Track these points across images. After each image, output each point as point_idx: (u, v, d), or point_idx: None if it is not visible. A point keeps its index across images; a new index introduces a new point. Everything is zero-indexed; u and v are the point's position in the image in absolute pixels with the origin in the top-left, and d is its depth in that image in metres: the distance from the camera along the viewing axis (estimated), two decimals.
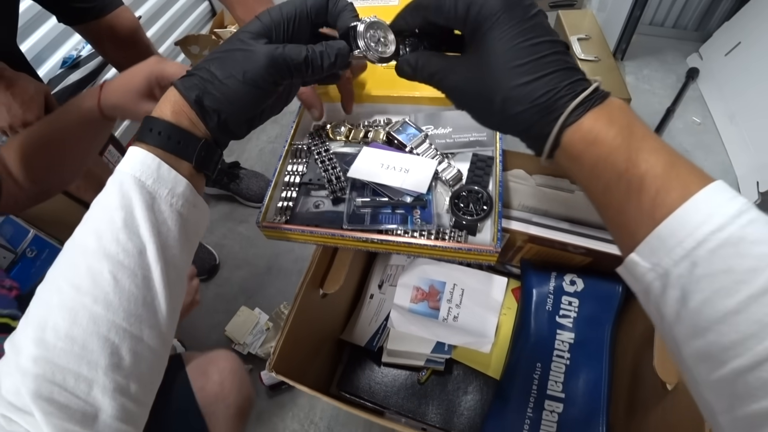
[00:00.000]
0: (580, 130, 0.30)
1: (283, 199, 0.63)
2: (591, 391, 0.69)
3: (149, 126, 0.36)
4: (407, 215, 0.56)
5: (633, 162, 0.28)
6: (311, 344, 0.71)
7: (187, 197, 0.36)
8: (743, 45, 1.62)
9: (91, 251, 0.32)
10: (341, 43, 0.39)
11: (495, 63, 0.32)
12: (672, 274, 0.26)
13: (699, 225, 0.26)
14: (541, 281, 0.73)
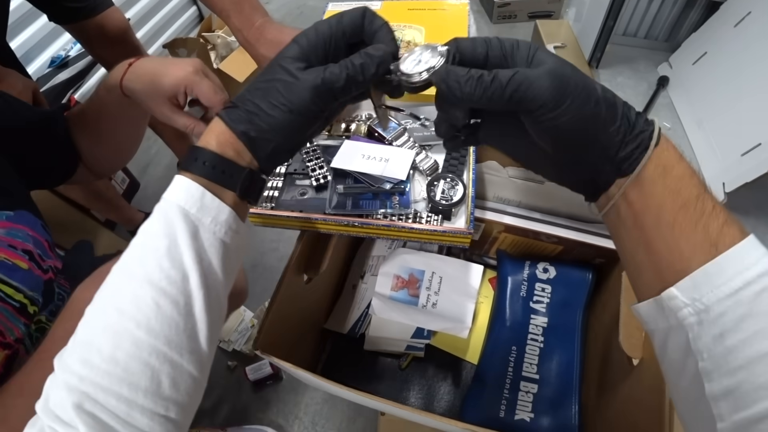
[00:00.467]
0: (670, 143, 0.32)
1: (269, 188, 0.66)
2: (564, 371, 0.71)
3: (195, 156, 0.36)
4: (386, 201, 0.59)
5: (706, 189, 0.30)
6: (295, 330, 0.72)
7: (230, 225, 0.37)
8: (709, 54, 1.68)
9: (135, 277, 0.33)
10: (380, 48, 0.37)
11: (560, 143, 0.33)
12: (713, 311, 0.28)
13: (749, 266, 0.27)
14: (515, 269, 0.76)
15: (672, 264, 0.30)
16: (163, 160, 1.74)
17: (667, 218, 0.30)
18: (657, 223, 0.31)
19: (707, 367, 0.28)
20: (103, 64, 1.21)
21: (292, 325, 0.71)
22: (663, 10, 1.88)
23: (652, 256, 0.32)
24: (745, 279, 0.27)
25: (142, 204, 1.61)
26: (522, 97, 0.31)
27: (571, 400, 0.69)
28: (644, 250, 0.32)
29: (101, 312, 0.33)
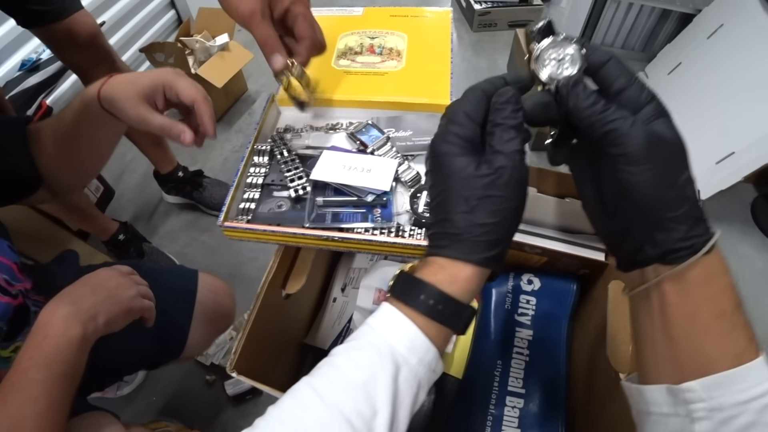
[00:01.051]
0: (720, 256, 0.32)
1: (245, 200, 0.62)
2: (550, 385, 0.69)
3: (419, 292, 0.35)
4: (368, 214, 0.56)
5: (741, 304, 0.32)
6: (274, 347, 0.69)
7: (432, 366, 0.36)
8: (683, 65, 1.70)
9: (327, 401, 0.32)
10: (504, 94, 0.37)
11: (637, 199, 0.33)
12: (726, 412, 0.30)
13: (762, 381, 0.30)
14: (499, 281, 0.74)
15: (695, 362, 0.32)
16: (139, 167, 1.68)
17: (701, 322, 0.32)
18: (689, 323, 0.32)
19: None
20: (73, 70, 1.15)
21: (271, 341, 0.67)
22: (639, 22, 1.89)
23: (674, 349, 0.33)
24: (759, 392, 0.29)
25: (117, 213, 1.54)
26: (614, 140, 0.32)
27: (558, 415, 0.67)
28: (666, 341, 0.33)
29: (287, 424, 0.32)
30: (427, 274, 0.36)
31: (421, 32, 0.77)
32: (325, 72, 0.73)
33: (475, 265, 0.35)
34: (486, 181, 0.34)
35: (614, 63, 0.35)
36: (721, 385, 0.30)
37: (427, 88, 0.67)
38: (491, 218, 0.34)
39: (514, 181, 0.34)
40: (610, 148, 0.33)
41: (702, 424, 0.31)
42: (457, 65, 2.01)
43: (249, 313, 0.58)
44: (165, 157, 1.45)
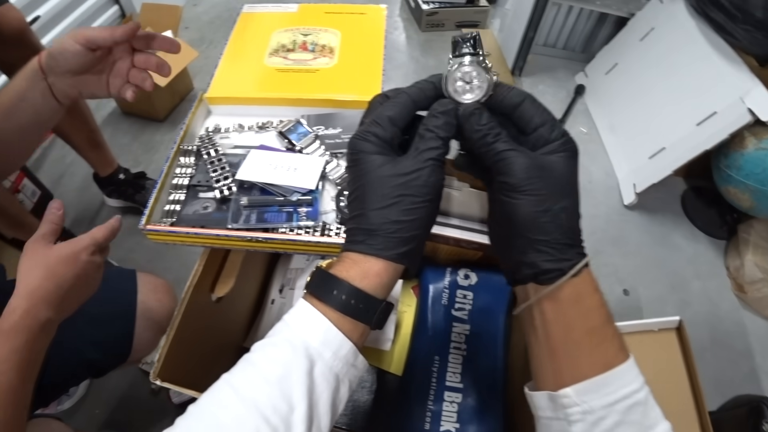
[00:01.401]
0: (589, 277, 0.35)
1: (170, 202, 0.59)
2: (488, 378, 0.69)
3: (332, 288, 0.35)
4: (293, 213, 0.54)
5: (609, 319, 0.35)
6: (208, 351, 0.66)
7: (348, 359, 0.36)
8: (619, 65, 1.76)
9: (243, 397, 0.32)
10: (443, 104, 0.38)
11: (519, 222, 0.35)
12: (596, 414, 0.33)
13: (627, 384, 0.33)
14: (436, 277, 0.73)
15: (571, 371, 0.34)
16: (79, 170, 1.59)
17: (575, 337, 0.35)
18: (565, 337, 0.35)
19: None
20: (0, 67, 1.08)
21: (204, 346, 0.64)
22: (578, 24, 1.94)
23: (554, 361, 0.36)
24: (623, 394, 0.32)
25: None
26: (501, 168, 0.35)
27: (496, 408, 0.67)
28: (548, 353, 0.36)
29: (203, 421, 0.32)
30: (340, 270, 0.36)
31: (355, 29, 0.75)
32: (255, 69, 0.71)
33: (388, 260, 0.36)
34: (403, 181, 0.35)
35: (529, 102, 0.37)
36: (590, 390, 0.33)
37: (359, 85, 0.66)
38: (405, 216, 0.35)
39: (430, 184, 0.36)
40: (496, 174, 0.36)
41: (577, 425, 0.33)
42: (405, 64, 2.01)
43: (173, 318, 0.55)
44: (104, 159, 1.38)
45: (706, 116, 1.36)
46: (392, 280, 0.37)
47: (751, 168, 1.30)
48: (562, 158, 0.36)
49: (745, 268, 1.39)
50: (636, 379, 0.33)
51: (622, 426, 0.32)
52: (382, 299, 0.36)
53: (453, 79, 0.37)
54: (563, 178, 0.35)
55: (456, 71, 0.37)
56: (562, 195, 0.35)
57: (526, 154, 0.35)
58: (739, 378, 1.27)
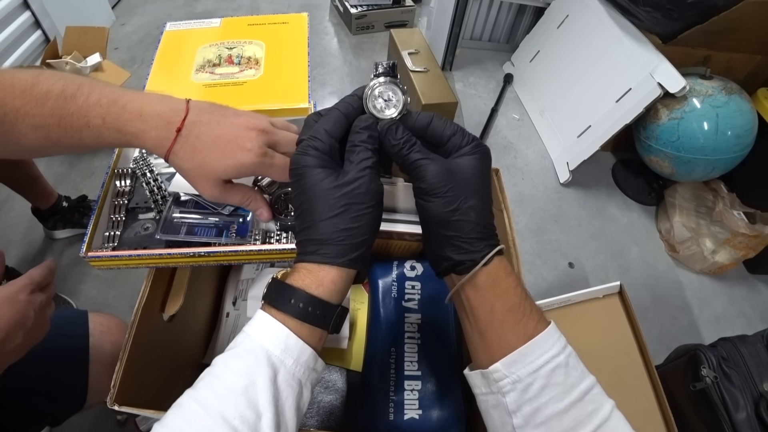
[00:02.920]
0: (502, 263, 0.38)
1: (110, 227, 0.57)
2: (443, 363, 0.70)
3: (289, 297, 0.36)
4: (224, 230, 0.54)
5: (526, 296, 0.38)
6: (165, 371, 0.64)
7: (309, 364, 0.37)
8: (541, 53, 1.83)
9: (210, 410, 0.32)
10: (363, 120, 0.41)
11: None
12: (524, 382, 0.35)
13: (547, 349, 0.36)
14: (384, 271, 0.74)
15: (500, 347, 0.37)
16: (15, 205, 1.50)
17: (498, 316, 0.37)
18: (489, 318, 0.38)
19: (520, 422, 0.36)
20: None
21: (160, 366, 0.62)
22: (500, 17, 2.01)
23: (484, 340, 0.38)
24: (544, 359, 0.35)
25: None
26: (415, 175, 0.39)
27: (455, 389, 0.68)
28: (478, 334, 0.39)
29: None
30: (296, 280, 0.37)
31: (279, 39, 0.75)
32: (183, 87, 0.69)
33: (341, 267, 0.37)
34: (346, 190, 0.37)
35: (436, 120, 0.41)
36: (516, 361, 0.36)
37: (286, 94, 0.66)
38: (353, 223, 0.37)
39: (372, 191, 0.38)
40: (413, 180, 0.39)
41: (510, 396, 0.36)
42: (339, 68, 2.01)
43: (125, 341, 0.54)
44: (44, 191, 1.31)
45: (622, 93, 1.44)
46: (346, 285, 0.38)
47: (667, 137, 1.39)
48: (473, 160, 0.39)
49: (674, 230, 1.48)
50: (556, 344, 0.36)
51: (548, 388, 0.35)
52: (337, 304, 0.38)
53: (373, 97, 0.41)
54: (472, 179, 0.39)
55: (376, 89, 0.41)
56: (470, 194, 0.38)
57: (437, 161, 0.39)
58: (680, 331, 1.35)
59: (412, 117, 0.42)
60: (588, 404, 0.35)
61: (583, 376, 0.36)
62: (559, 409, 0.35)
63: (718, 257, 1.41)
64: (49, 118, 0.41)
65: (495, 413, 0.38)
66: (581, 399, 0.35)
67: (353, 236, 0.37)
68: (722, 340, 0.96)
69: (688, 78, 1.34)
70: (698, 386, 0.91)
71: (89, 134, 0.43)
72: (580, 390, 0.35)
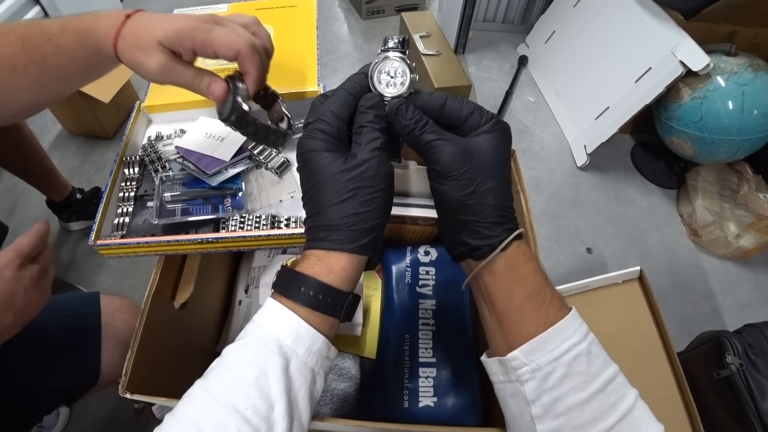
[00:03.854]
0: (521, 248, 0.37)
1: (119, 215, 0.57)
2: (460, 350, 0.69)
3: (299, 285, 0.35)
4: (219, 204, 0.54)
5: (546, 282, 0.37)
6: (178, 359, 0.64)
7: (322, 352, 0.36)
8: (557, 33, 1.78)
9: (221, 401, 0.32)
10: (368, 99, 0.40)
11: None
12: (544, 370, 0.34)
13: (569, 337, 0.34)
14: (398, 257, 0.73)
15: (519, 335, 0.36)
16: (31, 198, 1.52)
17: (516, 303, 0.36)
18: (507, 304, 0.36)
19: (539, 412, 0.35)
20: None
21: (172, 354, 0.63)
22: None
23: (502, 327, 0.37)
24: (566, 347, 0.34)
25: None
26: (429, 157, 0.37)
27: (472, 376, 0.68)
28: (496, 321, 0.37)
29: (182, 429, 0.32)
30: (305, 267, 0.36)
31: (288, 22, 0.74)
32: None
33: (351, 253, 0.36)
34: (355, 174, 0.36)
35: (451, 100, 0.39)
36: (536, 348, 0.35)
37: (295, 77, 0.65)
38: (363, 208, 0.36)
39: (381, 174, 0.37)
40: (427, 162, 0.38)
41: (529, 384, 0.35)
42: (350, 54, 1.99)
43: (136, 330, 0.54)
44: (57, 183, 1.33)
45: (642, 72, 1.40)
46: (357, 272, 0.38)
47: (689, 117, 1.34)
48: (493, 138, 0.37)
49: (696, 214, 1.44)
50: (577, 332, 0.35)
51: (569, 378, 0.34)
52: (348, 292, 0.37)
53: (378, 71, 0.39)
54: (490, 160, 0.37)
55: (382, 63, 0.39)
56: (488, 176, 0.36)
57: (452, 141, 0.37)
58: (702, 318, 1.32)
59: (423, 96, 0.40)
60: (611, 394, 0.34)
61: (606, 365, 0.35)
62: (581, 399, 0.33)
63: (742, 242, 1.37)
64: (14, 45, 0.43)
65: (513, 402, 0.37)
66: (604, 389, 0.34)
67: (363, 221, 0.36)
68: (748, 327, 0.93)
69: (712, 55, 1.29)
70: (722, 374, 0.89)
71: (50, 48, 0.44)
72: (603, 379, 0.34)
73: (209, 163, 0.57)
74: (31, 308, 0.50)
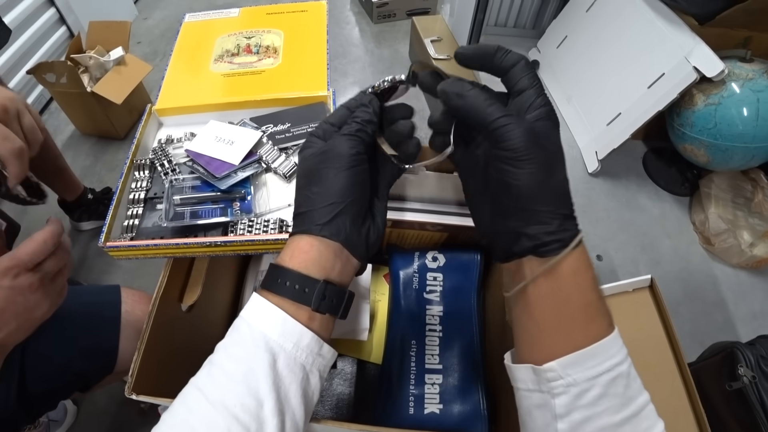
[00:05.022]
0: (585, 252, 0.34)
1: (129, 217, 0.58)
2: (466, 357, 0.69)
3: (277, 276, 0.35)
4: (227, 208, 0.55)
5: (602, 294, 0.34)
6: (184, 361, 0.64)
7: (312, 348, 0.35)
8: (569, 38, 1.78)
9: (211, 399, 0.32)
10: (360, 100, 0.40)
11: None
12: (579, 387, 0.32)
13: (610, 357, 0.32)
14: (405, 262, 0.73)
15: (564, 345, 0.33)
16: None
17: (571, 310, 0.33)
18: (560, 311, 0.34)
19: (565, 428, 0.33)
20: None
21: (180, 356, 0.63)
22: (526, 2, 1.96)
23: (546, 334, 0.35)
24: (607, 366, 0.32)
25: None
26: (496, 137, 0.32)
27: (477, 384, 0.67)
28: (538, 327, 0.35)
29: (175, 427, 0.32)
30: (280, 257, 0.36)
31: (298, 27, 0.74)
32: (202, 77, 0.69)
33: (311, 235, 0.36)
34: (321, 158, 0.36)
35: (523, 65, 0.35)
36: (575, 363, 0.32)
37: (305, 82, 0.65)
38: (320, 186, 0.36)
39: (344, 153, 0.36)
40: (492, 143, 0.33)
41: (561, 398, 0.33)
42: (361, 57, 2.00)
43: (143, 332, 0.54)
44: (70, 183, 1.35)
45: (655, 78, 1.39)
46: (323, 256, 0.36)
47: (703, 124, 1.33)
48: (551, 127, 0.34)
49: (709, 221, 1.43)
50: (620, 352, 0.33)
51: (605, 398, 0.32)
52: (317, 279, 0.35)
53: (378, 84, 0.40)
54: (556, 147, 0.34)
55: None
56: (559, 165, 0.34)
57: (520, 121, 0.33)
58: (714, 328, 1.30)
59: (499, 54, 0.35)
60: (643, 420, 0.33)
61: (642, 390, 0.34)
62: (614, 422, 0.32)
63: (756, 250, 1.35)
64: None
65: (538, 413, 0.36)
66: (637, 414, 0.33)
67: (320, 200, 0.36)
68: (762, 338, 0.92)
69: (727, 61, 1.28)
70: (735, 386, 0.87)
71: None
72: (638, 404, 0.33)
73: (219, 167, 0.57)
74: (37, 311, 0.49)
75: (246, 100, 0.65)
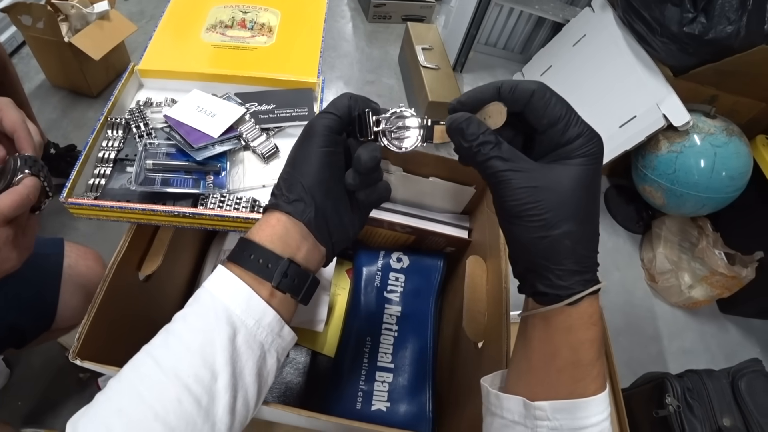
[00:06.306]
0: (591, 308, 0.32)
1: (95, 176, 0.55)
2: (418, 359, 0.70)
3: (244, 249, 0.34)
4: (200, 180, 0.53)
5: (599, 356, 0.33)
6: (136, 331, 0.62)
7: (273, 328, 0.34)
8: (553, 68, 1.82)
9: (163, 367, 0.31)
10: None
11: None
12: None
13: (598, 413, 0.32)
14: (370, 260, 0.73)
15: (545, 393, 0.33)
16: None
17: (558, 365, 0.32)
18: (548, 361, 0.33)
19: None
20: None
21: (131, 326, 0.60)
22: (518, 26, 2.00)
23: (530, 375, 0.35)
24: (593, 422, 0.32)
25: None
26: (495, 188, 0.32)
27: (425, 386, 0.68)
28: (526, 365, 0.35)
29: (123, 393, 0.31)
30: (250, 232, 0.36)
31: (296, 10, 0.73)
32: (191, 45, 0.67)
33: (279, 211, 0.35)
34: (300, 140, 0.36)
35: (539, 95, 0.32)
36: (565, 410, 0.32)
37: (295, 66, 0.64)
38: (291, 166, 0.36)
39: (318, 132, 0.35)
40: (492, 191, 0.33)
41: None
42: (350, 54, 1.99)
43: (95, 295, 0.52)
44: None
45: (627, 119, 1.44)
46: (289, 234, 0.35)
47: (663, 168, 1.39)
48: (580, 166, 0.31)
49: (656, 260, 1.49)
50: (606, 409, 0.33)
51: None
52: (282, 255, 0.34)
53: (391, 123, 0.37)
54: (572, 195, 0.30)
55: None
56: (567, 216, 0.30)
57: (523, 171, 0.31)
58: (648, 359, 1.36)
59: (508, 84, 0.33)
60: None
61: None
62: None
63: (694, 292, 1.42)
64: None
65: None
66: None
67: (289, 178, 0.36)
68: (690, 372, 0.96)
69: (693, 114, 1.34)
70: (661, 413, 0.91)
71: None
72: None
73: (197, 138, 0.55)
74: (6, 264, 0.46)
75: (233, 75, 0.62)
